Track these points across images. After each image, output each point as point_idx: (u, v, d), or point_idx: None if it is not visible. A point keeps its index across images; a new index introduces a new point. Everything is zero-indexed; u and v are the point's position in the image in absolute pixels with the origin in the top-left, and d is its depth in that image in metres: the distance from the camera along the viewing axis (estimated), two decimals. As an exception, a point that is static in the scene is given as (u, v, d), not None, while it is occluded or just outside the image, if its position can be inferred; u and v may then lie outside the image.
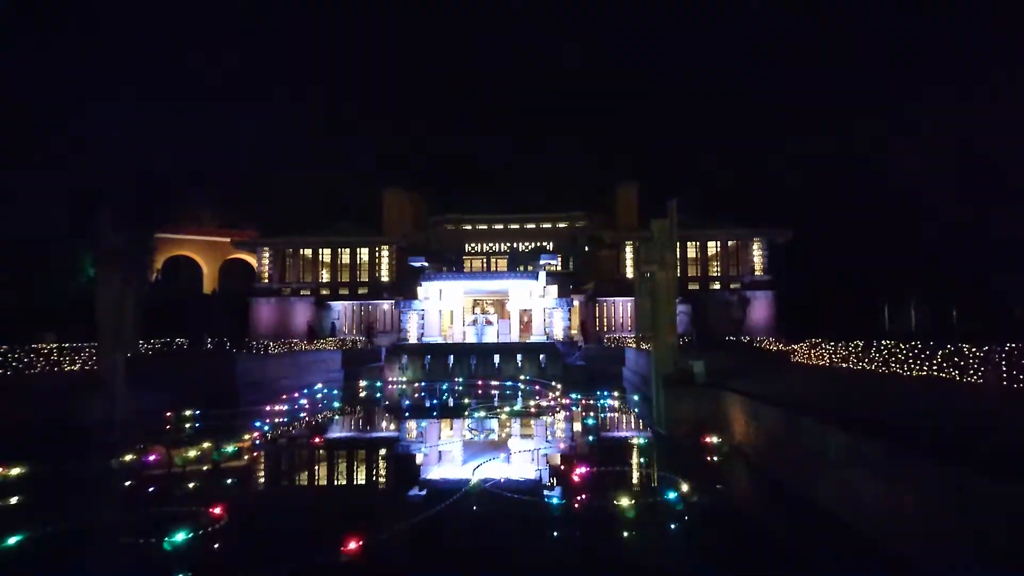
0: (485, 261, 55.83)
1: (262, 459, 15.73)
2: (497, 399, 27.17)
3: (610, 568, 8.58)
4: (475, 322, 43.79)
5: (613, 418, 23.26)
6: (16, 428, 15.62)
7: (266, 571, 7.70)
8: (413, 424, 22.18)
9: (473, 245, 56.53)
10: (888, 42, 73.02)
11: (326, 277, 53.57)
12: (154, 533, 8.92)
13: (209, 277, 65.42)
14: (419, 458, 16.34)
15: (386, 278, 52.20)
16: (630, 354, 34.70)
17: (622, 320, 47.28)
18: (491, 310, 46.35)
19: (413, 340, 42.82)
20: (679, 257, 39.46)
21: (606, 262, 52.39)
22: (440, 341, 42.00)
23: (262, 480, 14.47)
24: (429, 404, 27.40)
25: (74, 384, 20.15)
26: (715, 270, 51.73)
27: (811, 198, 56.69)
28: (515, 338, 41.94)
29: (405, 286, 47.24)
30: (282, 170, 71.76)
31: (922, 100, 57.99)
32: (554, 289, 44.00)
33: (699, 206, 49.97)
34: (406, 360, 37.41)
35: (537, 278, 42.87)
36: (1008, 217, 42.74)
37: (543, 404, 25.13)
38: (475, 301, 47.21)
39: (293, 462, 16.05)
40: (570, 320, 44.96)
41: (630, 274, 45.46)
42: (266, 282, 52.48)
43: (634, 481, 13.44)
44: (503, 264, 52.93)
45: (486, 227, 57.32)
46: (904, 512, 7.78)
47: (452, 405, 26.39)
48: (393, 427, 22.02)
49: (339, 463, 16.16)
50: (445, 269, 47.45)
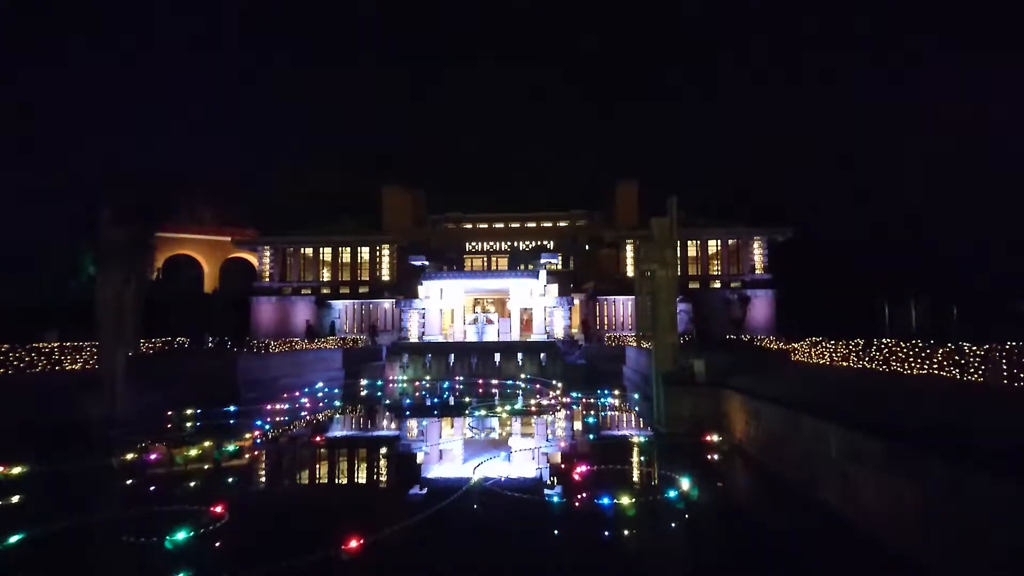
0: (486, 260, 55.76)
1: (263, 458, 15.75)
2: (498, 398, 27.17)
3: (610, 566, 8.59)
4: (476, 321, 43.81)
5: (614, 417, 23.28)
6: (17, 427, 15.65)
7: (267, 570, 7.71)
8: (414, 423, 22.19)
9: (474, 244, 56.46)
10: (889, 35, 72.93)
11: (327, 276, 53.53)
12: (155, 532, 8.94)
13: (210, 276, 65.40)
14: (420, 457, 16.36)
15: (387, 277, 52.17)
16: (630, 353, 34.70)
17: (622, 319, 47.24)
18: (492, 309, 46.36)
19: (414, 339, 42.83)
20: (679, 256, 39.42)
21: (606, 261, 52.33)
22: (441, 340, 42.02)
23: (263, 479, 14.49)
24: (430, 403, 27.41)
25: (75, 383, 20.17)
26: (715, 269, 51.66)
27: (811, 197, 56.69)
28: (516, 337, 41.95)
29: (406, 285, 47.23)
30: (282, 169, 71.83)
31: (921, 100, 57.95)
32: (554, 288, 44.00)
33: (699, 204, 49.94)
34: (407, 359, 37.44)
35: (537, 277, 42.86)
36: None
37: (544, 403, 25.13)
38: (476, 300, 47.22)
39: (294, 461, 16.05)
40: (570, 319, 44.94)
41: (630, 273, 45.41)
42: (267, 281, 52.47)
43: (635, 479, 13.46)
44: (504, 263, 52.87)
45: (486, 226, 57.25)
46: (904, 510, 7.79)
47: (453, 404, 26.40)
48: (394, 426, 22.03)
49: (340, 462, 16.17)
50: (446, 268, 47.43)
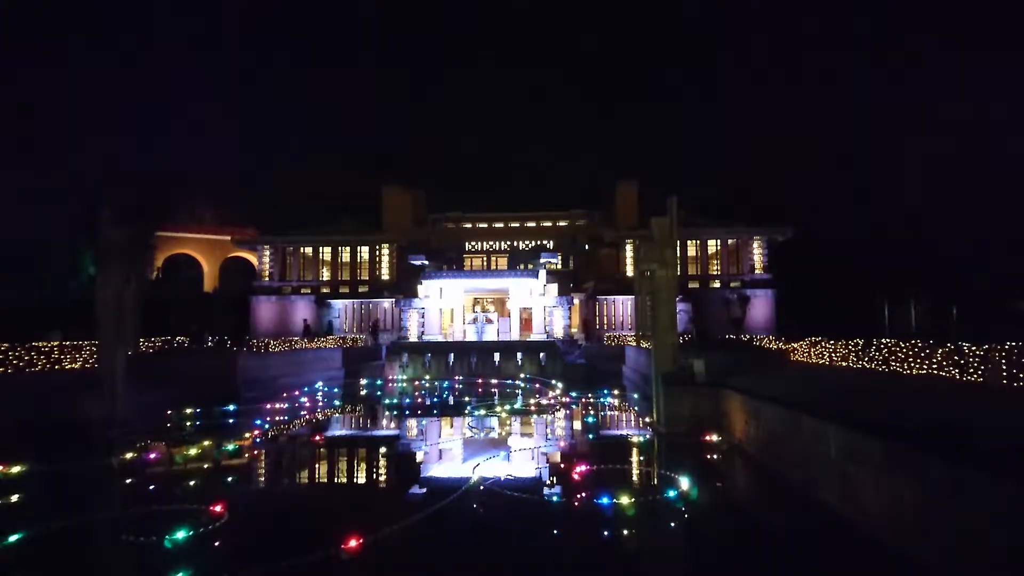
0: (485, 259, 55.75)
1: (262, 457, 15.75)
2: (497, 397, 27.18)
3: (610, 565, 8.59)
4: (475, 320, 43.80)
5: (613, 416, 23.29)
6: (17, 426, 15.64)
7: (266, 569, 7.71)
8: (413, 422, 22.19)
9: (473, 243, 56.45)
10: (889, 35, 72.94)
11: (327, 275, 53.53)
12: (155, 531, 8.94)
13: (209, 275, 65.41)
14: (419, 456, 16.36)
15: (387, 276, 52.17)
16: (630, 352, 34.71)
17: (622, 318, 47.24)
18: (491, 308, 46.36)
19: (414, 338, 42.83)
20: (679, 255, 39.39)
21: (606, 260, 52.32)
22: (440, 339, 42.02)
23: (262, 478, 14.49)
24: (429, 402, 27.41)
25: (75, 382, 20.16)
26: (715, 269, 51.67)
27: (811, 197, 56.69)
28: (515, 336, 41.96)
29: (405, 284, 47.23)
30: (282, 169, 71.81)
31: (921, 100, 57.95)
32: (554, 288, 43.99)
33: (699, 204, 49.92)
34: (407, 358, 37.44)
35: (537, 276, 42.85)
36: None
37: (543, 402, 25.14)
38: (475, 299, 47.21)
39: (293, 460, 16.05)
40: (570, 318, 44.95)
41: (630, 272, 45.42)
42: (267, 280, 52.46)
43: (634, 479, 13.45)
44: (503, 262, 52.85)
45: (486, 225, 57.24)
46: (904, 510, 7.79)
47: (452, 403, 26.40)
48: (393, 425, 22.02)
49: (339, 461, 16.18)
50: (445, 267, 47.41)
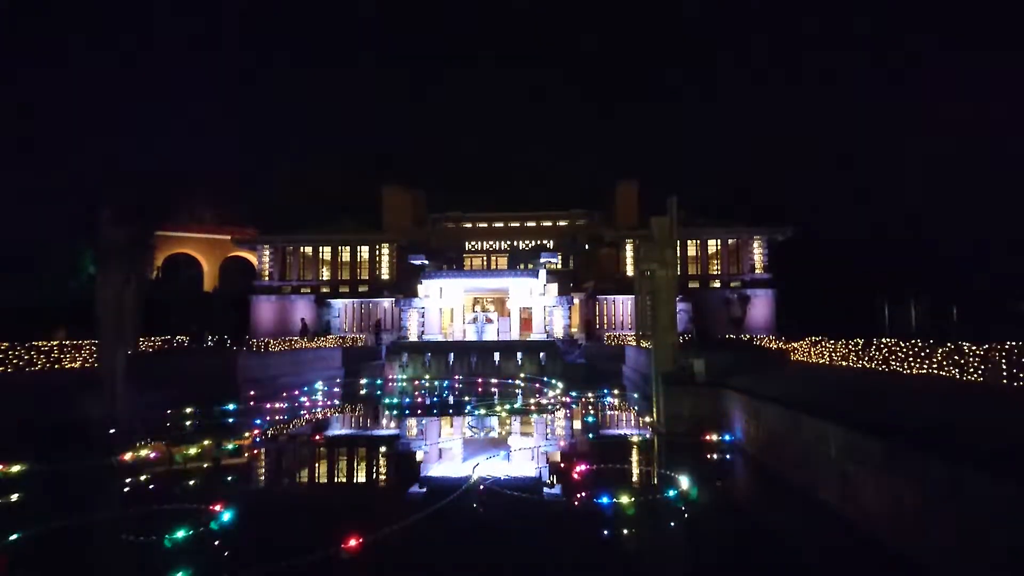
0: (485, 259, 55.73)
1: (262, 457, 15.75)
2: (497, 397, 27.18)
3: (610, 565, 8.59)
4: (475, 320, 43.79)
5: (613, 416, 23.30)
6: (17, 425, 15.64)
7: (266, 569, 7.71)
8: (413, 422, 22.20)
9: (473, 243, 56.43)
10: (889, 35, 72.92)
11: (327, 275, 53.51)
12: (154, 531, 8.94)
13: (209, 275, 65.40)
14: (419, 456, 16.37)
15: (387, 276, 52.16)
16: (630, 352, 34.71)
17: (622, 318, 47.23)
18: (491, 308, 46.36)
19: (414, 338, 42.83)
20: (679, 255, 39.37)
21: (606, 260, 52.31)
22: (440, 339, 42.02)
23: (262, 478, 14.49)
24: (429, 402, 27.41)
25: (75, 382, 20.16)
26: (715, 268, 51.64)
27: (811, 197, 56.68)
28: (515, 336, 41.95)
29: (405, 284, 47.22)
30: (282, 169, 71.81)
31: (921, 100, 57.97)
32: (554, 287, 43.99)
33: (699, 204, 49.89)
34: (407, 358, 37.44)
35: (537, 276, 42.85)
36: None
37: (543, 402, 25.15)
38: (475, 299, 47.20)
39: (293, 460, 16.05)
40: (570, 318, 44.94)
41: (630, 272, 45.40)
42: (266, 280, 52.44)
43: (634, 479, 13.46)
44: (503, 262, 52.83)
45: (486, 225, 57.22)
46: (904, 510, 7.79)
47: (452, 403, 26.40)
48: (393, 425, 22.02)
49: (339, 461, 16.18)
50: (445, 267, 47.41)
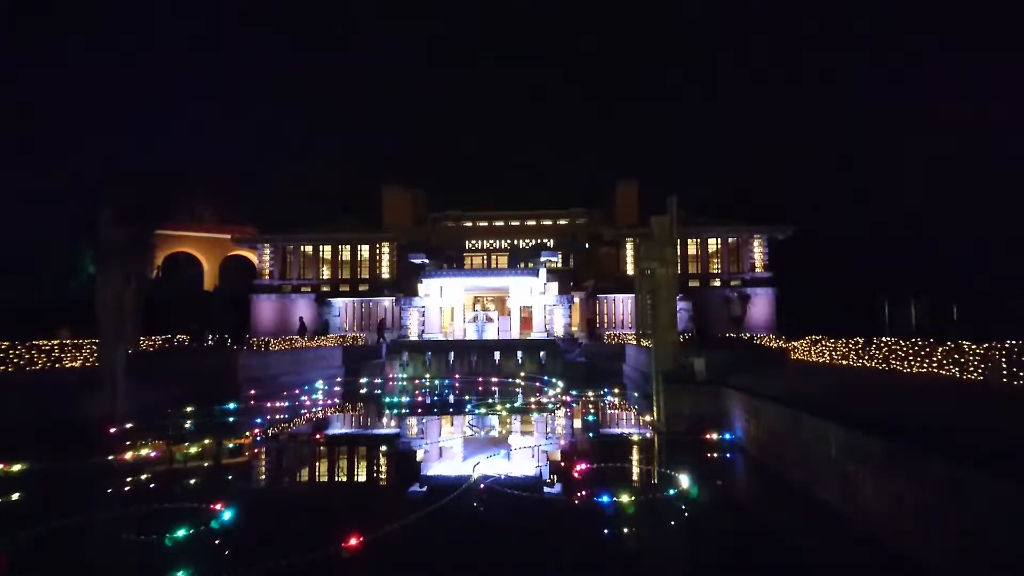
0: (485, 258, 55.74)
1: (263, 455, 15.76)
2: (497, 396, 27.19)
3: (610, 564, 8.59)
4: (476, 319, 43.80)
5: (613, 415, 23.31)
6: (17, 425, 15.64)
7: (267, 568, 7.71)
8: (414, 420, 22.21)
9: (473, 242, 56.44)
10: (889, 35, 72.86)
11: (327, 274, 53.52)
12: (155, 530, 8.95)
13: (209, 274, 65.42)
14: (419, 454, 16.36)
15: (387, 275, 52.17)
16: (630, 351, 34.72)
17: (622, 317, 47.23)
18: (492, 307, 46.37)
19: (414, 337, 42.84)
20: (679, 254, 39.41)
21: (606, 259, 52.31)
22: (441, 338, 42.03)
23: (263, 477, 14.50)
24: (430, 401, 27.41)
25: (75, 381, 20.17)
26: (715, 267, 51.63)
27: (811, 197, 56.67)
28: (516, 335, 41.97)
29: (406, 283, 47.24)
30: (282, 169, 71.82)
31: (921, 100, 57.93)
32: (554, 286, 44.00)
33: (699, 204, 49.90)
34: (407, 357, 37.45)
35: (537, 275, 42.84)
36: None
37: (543, 401, 25.15)
38: (476, 298, 47.22)
39: (294, 459, 16.06)
40: (570, 317, 44.95)
41: (630, 271, 45.38)
42: (267, 279, 52.44)
43: (634, 477, 13.46)
44: (503, 261, 52.84)
45: (486, 224, 57.23)
46: (904, 510, 7.79)
47: (453, 402, 26.41)
48: (394, 423, 22.03)
49: (340, 460, 16.19)
50: (445, 266, 47.40)
